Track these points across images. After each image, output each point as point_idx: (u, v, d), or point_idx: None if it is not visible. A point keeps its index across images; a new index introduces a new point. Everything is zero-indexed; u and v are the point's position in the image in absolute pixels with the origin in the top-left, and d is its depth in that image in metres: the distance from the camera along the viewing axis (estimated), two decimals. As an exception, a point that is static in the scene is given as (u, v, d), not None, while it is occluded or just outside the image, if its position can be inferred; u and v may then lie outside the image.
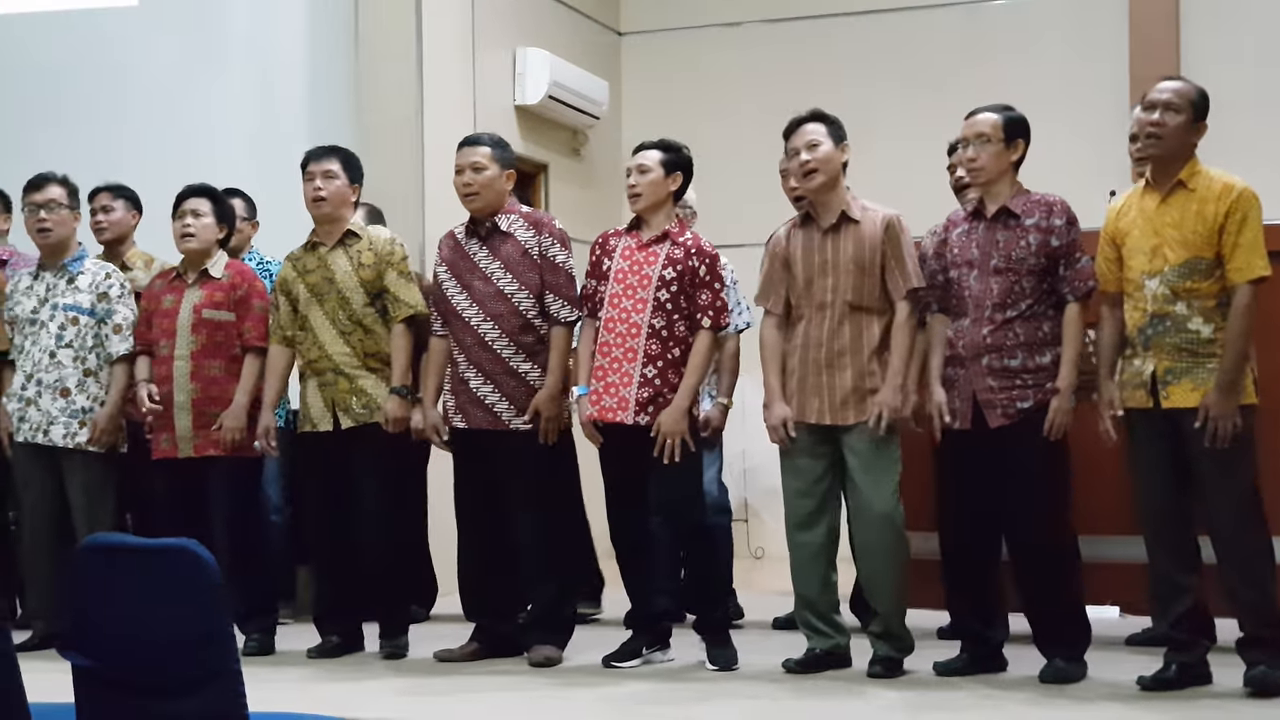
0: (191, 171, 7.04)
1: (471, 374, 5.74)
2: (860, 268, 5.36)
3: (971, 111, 5.39)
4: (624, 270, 5.60)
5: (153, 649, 3.10)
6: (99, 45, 8.44)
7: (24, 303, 6.30)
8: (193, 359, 6.08)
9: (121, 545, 3.30)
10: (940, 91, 8.99)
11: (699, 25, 10.17)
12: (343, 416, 5.92)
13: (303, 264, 6.04)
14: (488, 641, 5.84)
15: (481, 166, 5.78)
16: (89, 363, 6.24)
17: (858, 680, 5.31)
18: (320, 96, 8.14)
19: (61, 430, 6.19)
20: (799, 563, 5.50)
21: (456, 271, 5.81)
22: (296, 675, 5.62)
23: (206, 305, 6.11)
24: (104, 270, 6.32)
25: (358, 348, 5.93)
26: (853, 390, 5.36)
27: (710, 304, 5.56)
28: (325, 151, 6.07)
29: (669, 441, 5.46)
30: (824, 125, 5.45)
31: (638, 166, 5.66)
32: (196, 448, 6.07)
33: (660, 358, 5.52)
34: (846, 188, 5.46)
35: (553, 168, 9.48)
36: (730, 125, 9.65)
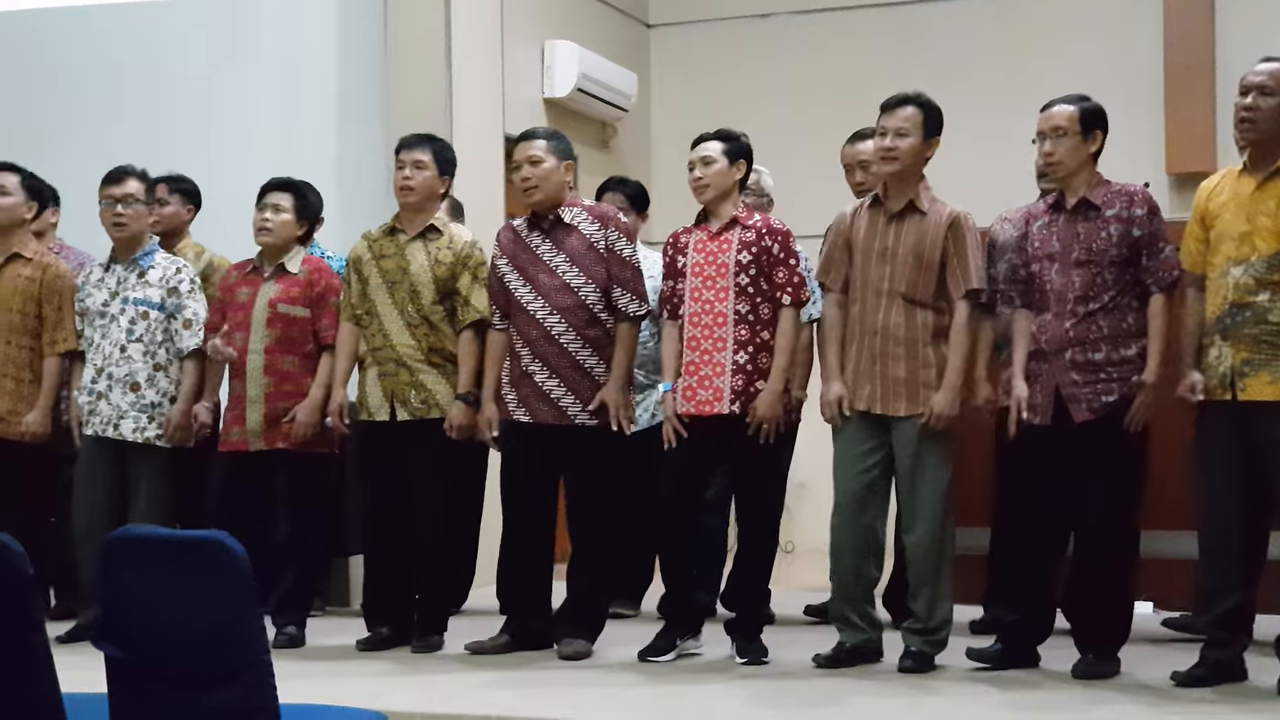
0: (220, 167, 7.07)
1: (536, 367, 5.70)
2: (918, 259, 5.31)
3: (1047, 104, 5.32)
4: (700, 263, 5.57)
5: (183, 640, 3.11)
6: (128, 41, 8.46)
7: (95, 295, 6.29)
8: (266, 353, 6.07)
9: (151, 537, 3.31)
10: (971, 83, 8.96)
11: (728, 17, 10.14)
12: (400, 408, 5.89)
13: (380, 247, 5.99)
14: (519, 634, 5.82)
15: (538, 159, 5.75)
16: (159, 357, 6.22)
17: (888, 675, 5.28)
18: (349, 90, 8.13)
19: (131, 425, 6.17)
20: (838, 552, 5.44)
21: (519, 264, 5.77)
22: (328, 667, 5.62)
23: (282, 300, 6.09)
24: (175, 265, 6.30)
25: (422, 342, 5.89)
26: (906, 382, 5.31)
27: (788, 280, 5.52)
28: (418, 140, 6.03)
29: (765, 427, 5.43)
30: (922, 114, 5.38)
31: (701, 158, 5.62)
32: (266, 440, 6.06)
33: (750, 342, 5.49)
34: (924, 178, 5.40)
35: (582, 160, 9.40)
36: (760, 117, 9.58)
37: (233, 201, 7.01)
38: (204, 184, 6.95)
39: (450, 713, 4.83)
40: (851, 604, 5.43)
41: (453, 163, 6.06)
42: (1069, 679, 5.11)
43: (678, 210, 6.30)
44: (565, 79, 9.01)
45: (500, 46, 8.57)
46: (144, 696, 3.15)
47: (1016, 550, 5.37)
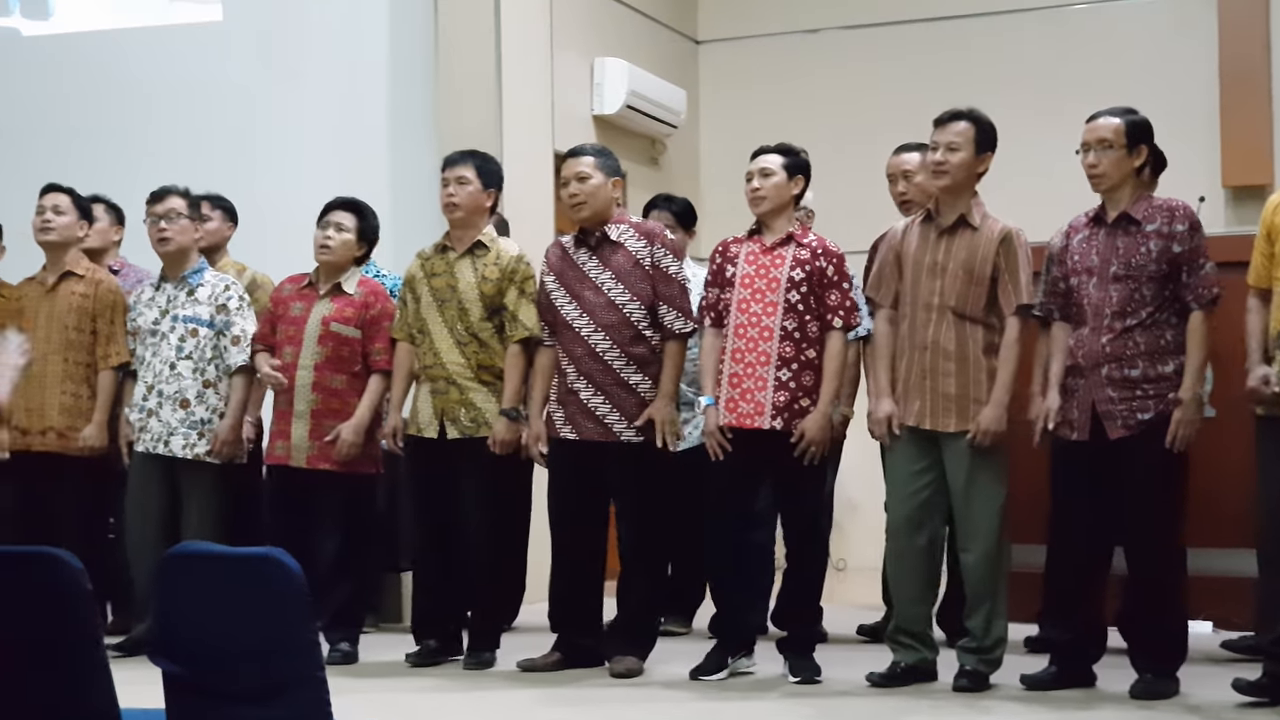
0: (272, 185, 7.11)
1: (581, 385, 5.70)
2: (970, 274, 5.27)
3: (1093, 115, 5.28)
4: (750, 275, 5.55)
5: (239, 656, 3.11)
6: (182, 60, 8.53)
7: (146, 314, 6.34)
8: (316, 370, 6.10)
9: (207, 553, 3.31)
10: (1021, 97, 8.91)
11: (777, 33, 10.13)
12: (449, 426, 5.90)
13: (431, 265, 6.01)
14: (570, 651, 5.81)
15: (586, 176, 5.76)
16: (208, 374, 6.26)
17: (943, 695, 5.24)
18: (399, 108, 8.17)
19: (181, 441, 6.20)
20: (895, 571, 5.42)
21: (565, 281, 5.78)
22: (381, 684, 5.62)
23: (335, 319, 6.12)
24: (224, 282, 6.34)
25: (472, 359, 5.90)
26: (956, 398, 5.28)
27: (840, 304, 5.51)
28: (460, 156, 6.06)
29: (813, 449, 5.42)
30: (974, 129, 5.35)
31: (760, 170, 5.61)
32: (309, 459, 6.08)
33: (794, 360, 5.47)
34: (976, 193, 5.38)
35: (631, 177, 9.43)
36: (808, 133, 9.47)
37: (286, 220, 7.07)
38: (257, 202, 7.00)
39: (502, 730, 4.83)
40: (906, 623, 5.39)
41: (498, 175, 6.08)
42: (1126, 700, 5.05)
43: (727, 226, 6.29)
44: (614, 96, 9.02)
45: (550, 64, 8.59)
46: (200, 712, 3.16)
47: (1060, 567, 5.32)
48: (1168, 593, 5.16)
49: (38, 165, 7.73)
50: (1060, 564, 5.31)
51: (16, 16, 9.15)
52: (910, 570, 5.38)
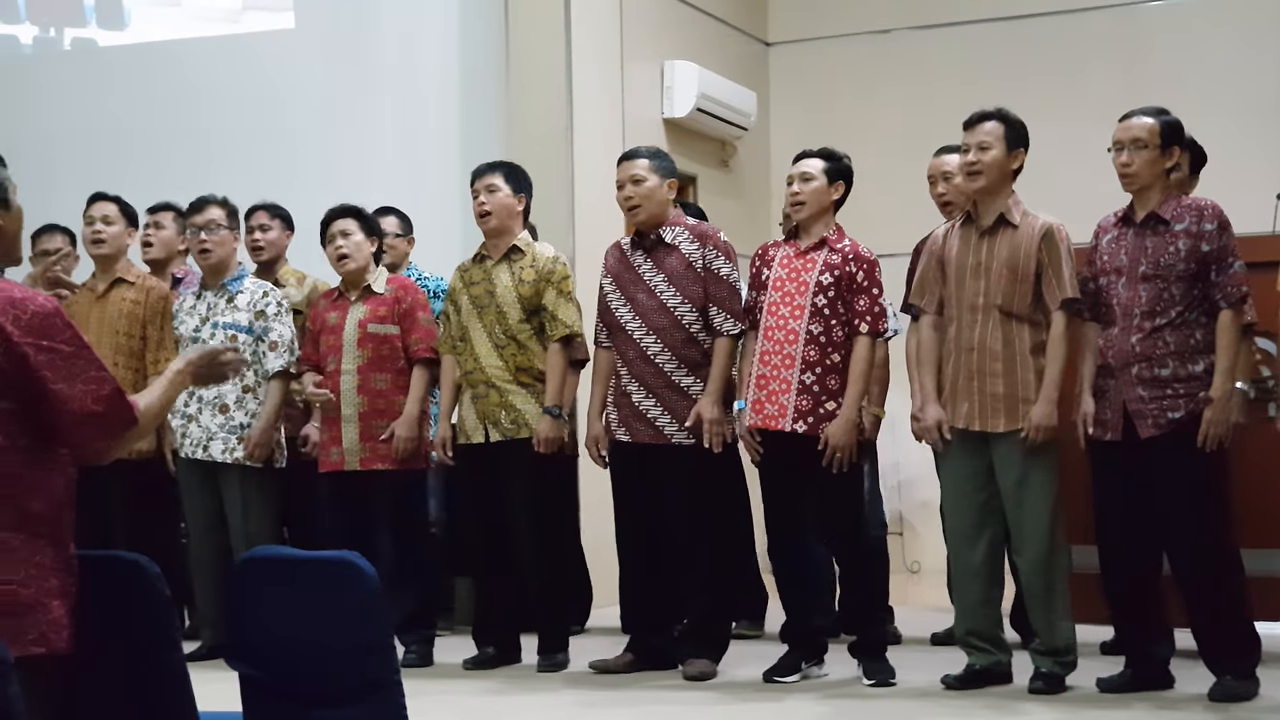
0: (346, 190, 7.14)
1: (634, 387, 5.74)
2: (1013, 273, 5.26)
3: (1126, 114, 5.26)
4: (781, 278, 5.57)
5: (315, 659, 3.14)
6: (255, 68, 8.61)
7: (187, 321, 6.43)
8: (359, 373, 6.16)
9: (283, 557, 3.35)
10: (1094, 95, 8.83)
11: (847, 34, 10.08)
12: (492, 430, 5.96)
13: (470, 275, 6.09)
14: (642, 653, 5.83)
15: (641, 178, 5.79)
16: (247, 379, 6.33)
17: (1019, 697, 5.21)
18: (471, 112, 8.21)
19: (220, 446, 6.29)
20: (959, 577, 5.42)
21: (621, 284, 5.82)
22: (455, 686, 5.66)
23: (371, 320, 6.19)
24: (262, 289, 6.43)
25: (510, 362, 5.96)
26: (1005, 397, 5.26)
27: (868, 309, 5.51)
28: (489, 167, 6.13)
29: (839, 454, 5.41)
30: (1003, 127, 5.32)
31: (801, 174, 5.62)
32: (363, 461, 6.14)
33: (818, 364, 5.47)
34: (1013, 192, 5.37)
35: (701, 179, 9.46)
36: (879, 133, 9.56)
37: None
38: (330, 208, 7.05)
39: (576, 732, 4.85)
40: (977, 627, 5.37)
41: (527, 182, 6.14)
42: (1204, 702, 4.99)
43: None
44: (685, 99, 9.02)
45: (620, 67, 8.61)
46: (277, 715, 3.19)
47: (1108, 569, 5.29)
48: (1220, 591, 5.11)
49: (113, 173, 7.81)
50: (1109, 566, 5.29)
51: (93, 27, 9.27)
52: (974, 575, 5.36)
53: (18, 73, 9.26)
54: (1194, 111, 5.35)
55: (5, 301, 3.12)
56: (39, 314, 3.13)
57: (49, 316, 3.15)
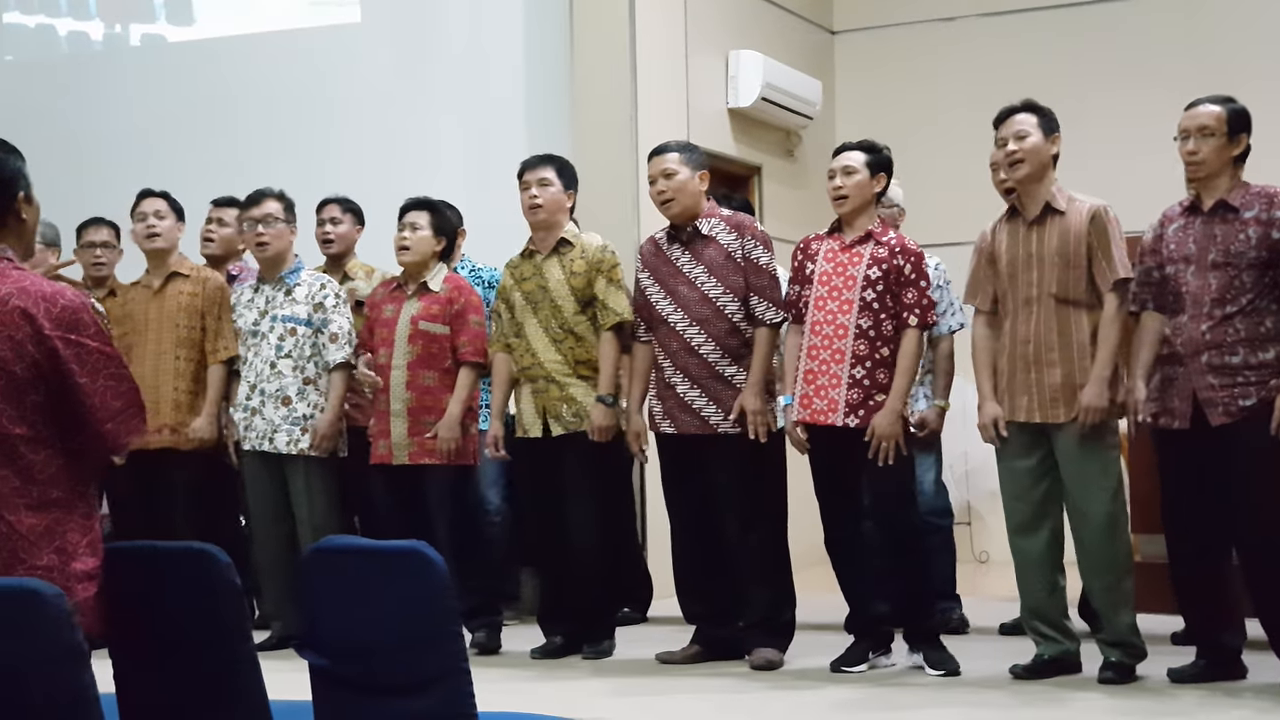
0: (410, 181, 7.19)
1: (678, 379, 5.75)
2: (1065, 260, 5.23)
3: (1192, 102, 5.22)
4: (828, 273, 5.56)
5: (384, 648, 3.17)
6: (322, 62, 8.67)
7: (246, 315, 6.49)
8: (409, 368, 6.20)
9: (352, 548, 3.38)
10: (1159, 83, 8.75)
11: (913, 21, 10.04)
12: (553, 424, 5.98)
13: (520, 271, 6.12)
14: (708, 644, 5.84)
15: (672, 172, 5.79)
16: (308, 371, 6.39)
17: (1088, 687, 5.18)
18: (535, 103, 8.24)
19: (284, 438, 6.35)
20: (1023, 569, 5.40)
21: (659, 277, 5.83)
22: (522, 675, 5.69)
23: (423, 317, 6.22)
24: (319, 281, 6.48)
25: (568, 355, 5.98)
26: (1063, 387, 5.23)
27: (916, 302, 5.49)
28: (539, 160, 6.15)
29: (883, 445, 5.41)
30: (1035, 116, 5.35)
31: (843, 168, 5.61)
32: (411, 455, 6.18)
33: (868, 358, 5.47)
34: (1055, 179, 5.34)
35: (766, 169, 9.45)
36: (945, 121, 9.52)
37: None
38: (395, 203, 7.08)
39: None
40: (1044, 617, 5.36)
41: (575, 177, 6.17)
42: (1275, 693, 4.95)
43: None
44: (749, 88, 9.00)
45: (685, 58, 8.61)
46: (347, 704, 3.22)
47: (1178, 558, 5.26)
48: None
49: (177, 168, 7.91)
50: (1177, 555, 5.25)
51: (161, 23, 9.37)
52: (1037, 566, 5.35)
53: (87, 69, 9.37)
54: (1258, 99, 5.28)
55: (37, 295, 3.22)
56: (69, 308, 3.25)
57: (77, 311, 3.26)
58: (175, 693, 3.21)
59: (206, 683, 3.16)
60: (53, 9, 9.50)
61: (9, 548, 3.17)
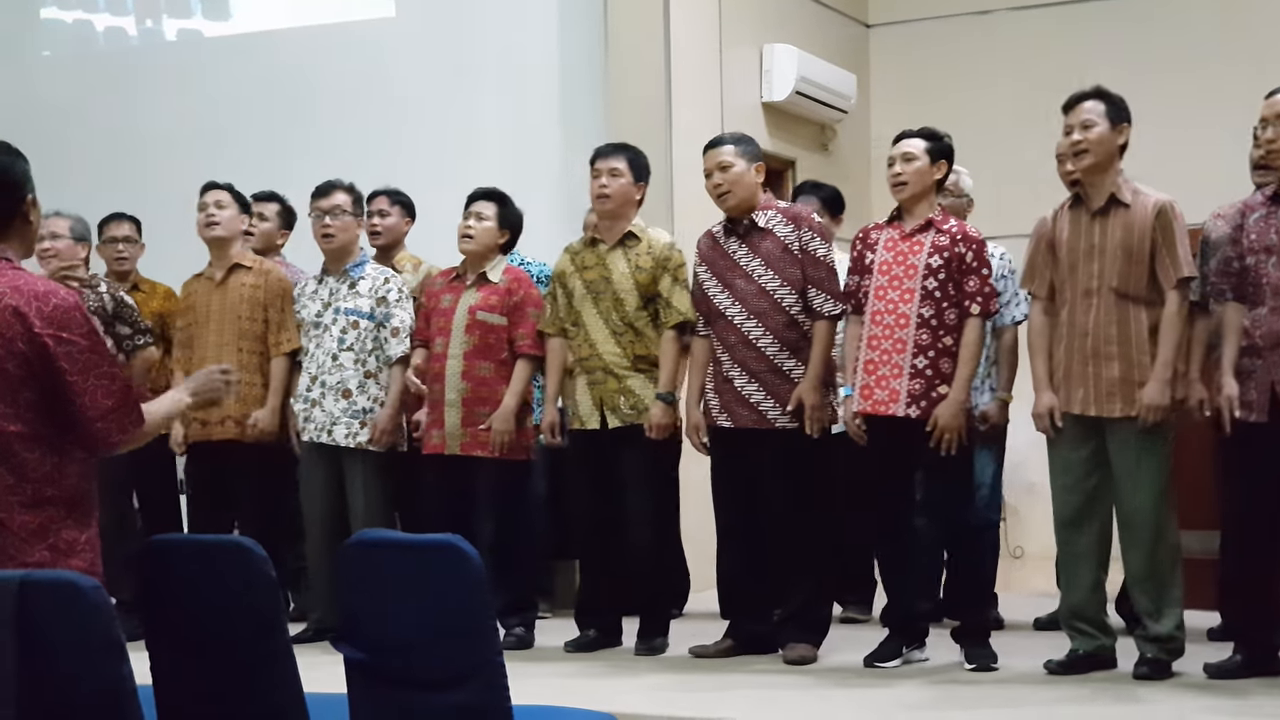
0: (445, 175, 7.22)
1: (736, 373, 5.72)
2: (1128, 254, 5.18)
3: (1273, 90, 5.17)
4: (888, 262, 5.53)
5: (419, 642, 3.18)
6: (357, 58, 8.69)
7: (309, 306, 6.50)
8: (465, 358, 6.19)
9: (388, 541, 3.39)
10: (1200, 73, 8.70)
11: (948, 15, 10.00)
12: (610, 416, 5.97)
13: (582, 258, 6.09)
14: (742, 638, 5.84)
15: (728, 165, 5.77)
16: (369, 365, 6.39)
17: (1124, 682, 5.16)
18: (570, 97, 8.24)
19: (344, 430, 6.35)
20: (1067, 561, 5.37)
21: (717, 271, 5.80)
22: (557, 669, 5.69)
23: (481, 308, 6.21)
24: (383, 275, 6.47)
25: (628, 349, 5.97)
26: (1120, 381, 5.18)
27: (979, 290, 5.45)
28: (612, 149, 6.13)
29: (946, 436, 5.39)
30: (1103, 104, 5.26)
31: (902, 155, 5.57)
32: (464, 446, 6.18)
33: (931, 347, 5.43)
34: (1121, 170, 5.29)
35: (801, 163, 9.43)
36: (981, 115, 9.47)
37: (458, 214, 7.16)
38: (430, 196, 7.11)
39: (677, 715, 4.85)
40: (1083, 611, 5.33)
41: (648, 169, 6.13)
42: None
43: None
44: (784, 82, 8.98)
45: (719, 51, 8.59)
46: (382, 697, 3.23)
47: (1239, 553, 5.21)
48: None
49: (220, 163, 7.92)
50: (1239, 550, 5.21)
51: (198, 18, 9.40)
52: (1082, 560, 5.32)
53: (124, 64, 9.41)
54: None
55: (30, 294, 3.27)
56: (60, 307, 3.29)
57: (69, 310, 3.31)
58: (211, 685, 3.23)
59: (242, 675, 3.17)
60: (90, 5, 9.55)
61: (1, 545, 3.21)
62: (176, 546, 3.37)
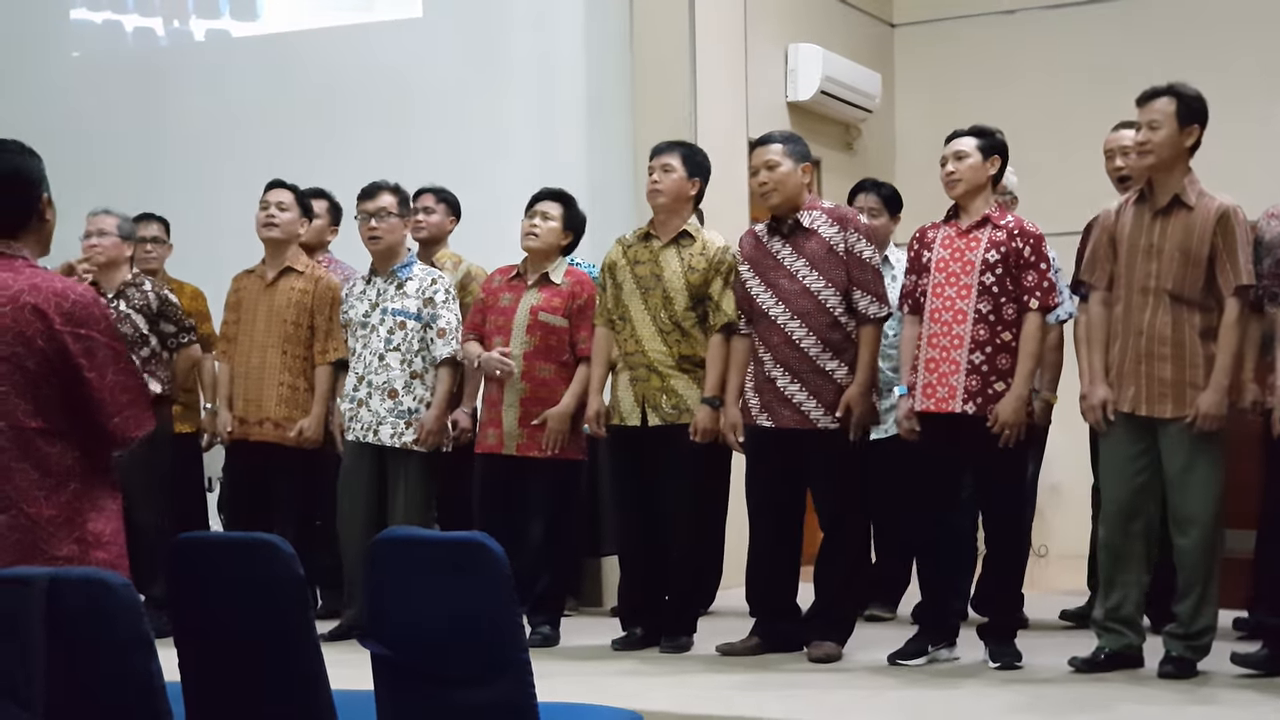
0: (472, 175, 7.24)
1: (779, 373, 5.72)
2: (1186, 255, 5.14)
3: None
4: (945, 259, 5.51)
5: (446, 639, 3.19)
6: (384, 56, 8.71)
7: (357, 307, 6.50)
8: (525, 359, 6.21)
9: (415, 538, 3.41)
10: (1228, 72, 8.65)
11: (973, 14, 9.98)
12: (651, 414, 5.96)
13: (635, 252, 6.07)
14: (768, 635, 5.84)
15: (775, 164, 5.76)
16: (415, 365, 6.39)
17: (1147, 681, 5.16)
18: (596, 97, 8.25)
19: (389, 430, 6.35)
20: (1109, 558, 5.31)
21: (760, 270, 5.79)
22: (582, 666, 5.71)
23: (543, 309, 6.22)
24: (430, 276, 6.46)
25: (674, 348, 5.95)
26: (1172, 383, 5.16)
27: (1037, 284, 5.43)
28: (667, 146, 6.11)
29: (1007, 432, 5.37)
30: (1175, 102, 5.22)
31: (955, 153, 5.56)
32: (520, 447, 6.19)
33: (989, 343, 5.41)
34: (1189, 170, 5.24)
35: (826, 163, 9.42)
36: (1006, 115, 9.33)
37: (489, 210, 7.19)
38: (460, 194, 7.13)
39: (703, 713, 4.87)
40: (1120, 610, 5.30)
41: (704, 166, 6.10)
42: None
43: (923, 211, 6.23)
44: (809, 82, 8.99)
45: (744, 51, 8.60)
46: (409, 694, 3.25)
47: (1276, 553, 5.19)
48: None
49: (248, 163, 7.97)
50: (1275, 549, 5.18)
51: (226, 18, 9.44)
52: (1126, 557, 5.28)
53: (153, 65, 9.44)
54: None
55: (49, 291, 3.30)
56: (79, 303, 3.32)
57: (88, 306, 3.33)
58: (239, 681, 3.25)
59: (270, 672, 3.19)
60: (119, 5, 9.58)
61: (29, 539, 3.25)
62: (205, 543, 3.39)
